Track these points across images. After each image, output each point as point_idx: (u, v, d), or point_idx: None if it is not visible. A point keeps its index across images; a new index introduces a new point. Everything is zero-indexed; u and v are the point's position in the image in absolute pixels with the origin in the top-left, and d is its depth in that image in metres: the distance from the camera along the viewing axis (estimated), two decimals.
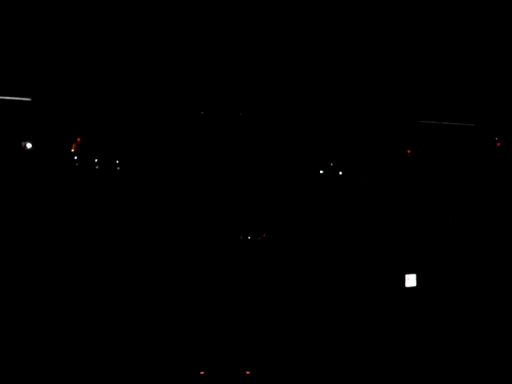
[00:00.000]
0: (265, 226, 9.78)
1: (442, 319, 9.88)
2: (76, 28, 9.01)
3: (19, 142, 8.92)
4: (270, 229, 9.79)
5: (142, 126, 9.44)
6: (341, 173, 10.16)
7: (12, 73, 8.81)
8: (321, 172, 10.09)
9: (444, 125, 10.54)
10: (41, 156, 8.98)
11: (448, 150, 10.61)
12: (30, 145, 8.95)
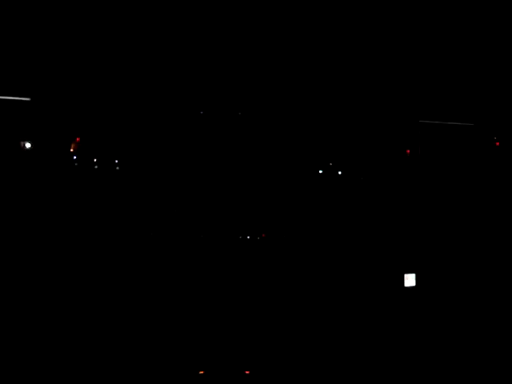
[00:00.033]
0: (264, 226, 9.78)
1: (441, 319, 9.89)
2: (75, 28, 9.01)
3: (18, 142, 8.91)
4: (269, 229, 9.80)
5: (141, 125, 9.44)
6: (340, 172, 10.16)
7: (11, 73, 8.80)
8: (320, 172, 10.09)
9: (443, 124, 10.55)
10: (40, 156, 8.97)
11: (447, 150, 10.62)
12: (29, 144, 8.94)
